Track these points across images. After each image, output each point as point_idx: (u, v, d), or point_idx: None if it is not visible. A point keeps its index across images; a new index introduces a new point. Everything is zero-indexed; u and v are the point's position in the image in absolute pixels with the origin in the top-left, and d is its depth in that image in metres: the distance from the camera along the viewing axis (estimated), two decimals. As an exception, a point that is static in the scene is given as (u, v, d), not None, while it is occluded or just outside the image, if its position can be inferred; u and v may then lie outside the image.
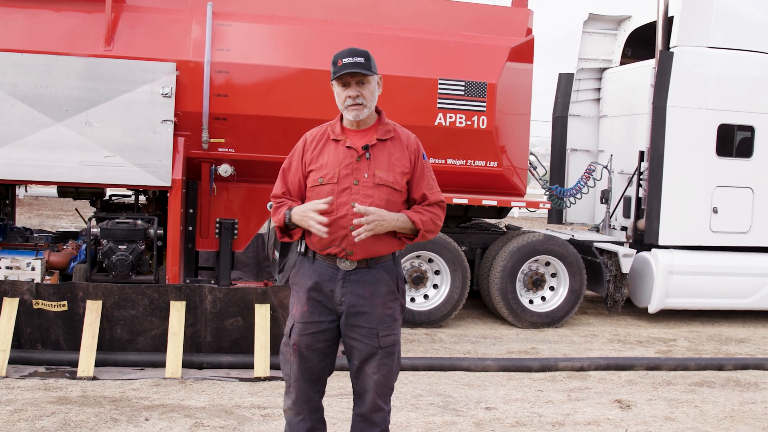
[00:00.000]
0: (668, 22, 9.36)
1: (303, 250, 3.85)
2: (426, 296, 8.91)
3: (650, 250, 9.49)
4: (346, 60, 3.68)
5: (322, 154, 3.78)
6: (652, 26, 9.96)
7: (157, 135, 7.63)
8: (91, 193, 8.59)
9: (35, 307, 6.45)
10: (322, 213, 3.63)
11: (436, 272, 8.91)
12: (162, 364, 6.42)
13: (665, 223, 9.35)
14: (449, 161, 8.71)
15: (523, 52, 8.97)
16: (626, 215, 10.13)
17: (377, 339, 3.74)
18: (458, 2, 9.15)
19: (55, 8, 7.88)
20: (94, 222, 7.98)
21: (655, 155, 9.31)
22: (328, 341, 3.81)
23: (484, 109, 8.64)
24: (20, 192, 19.60)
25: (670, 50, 9.31)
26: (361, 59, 3.69)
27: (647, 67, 9.74)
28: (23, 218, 16.46)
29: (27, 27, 7.75)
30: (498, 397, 6.26)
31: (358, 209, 3.60)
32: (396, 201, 3.77)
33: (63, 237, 9.02)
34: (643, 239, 9.60)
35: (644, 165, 9.59)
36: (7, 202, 9.16)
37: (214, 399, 5.81)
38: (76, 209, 9.93)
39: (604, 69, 11.09)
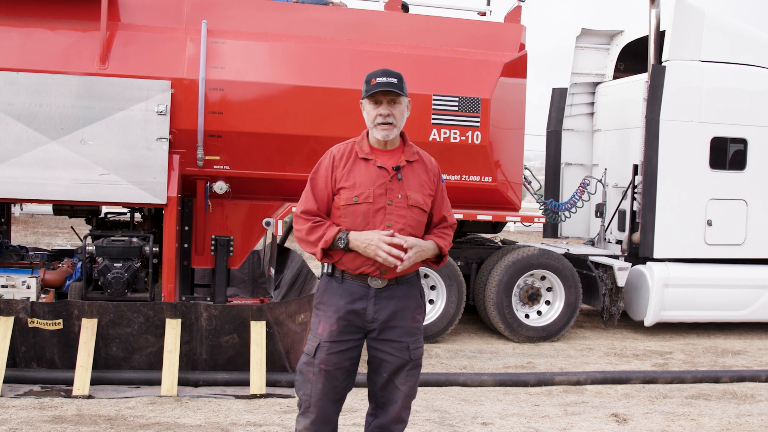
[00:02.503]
0: (660, 36, 9.42)
1: (330, 270, 3.87)
2: (422, 311, 8.89)
3: (645, 263, 9.50)
4: (380, 79, 3.75)
5: (352, 171, 3.80)
6: (644, 40, 10.02)
7: (152, 152, 7.64)
8: (87, 210, 8.58)
9: (30, 325, 6.45)
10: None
11: (432, 288, 8.91)
12: (158, 382, 6.42)
13: (660, 236, 9.37)
14: (444, 176, 8.69)
15: (517, 68, 9.01)
16: (621, 229, 10.16)
17: (408, 352, 3.85)
18: (451, 18, 9.20)
19: (50, 27, 7.89)
20: (89, 240, 7.97)
21: (648, 168, 9.35)
22: (354, 359, 3.87)
23: (478, 124, 8.66)
24: (16, 210, 19.63)
25: (663, 64, 9.37)
26: (394, 80, 3.76)
27: (640, 81, 9.80)
28: (19, 236, 16.44)
29: (22, 46, 7.76)
30: (494, 413, 6.26)
31: (400, 240, 3.69)
32: (423, 222, 3.90)
33: (58, 255, 9.00)
34: (638, 252, 9.62)
35: (638, 178, 9.63)
36: (2, 220, 9.15)
37: (210, 417, 5.80)
38: (71, 227, 9.93)
39: (597, 83, 11.16)
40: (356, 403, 6.15)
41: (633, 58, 10.83)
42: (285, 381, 6.64)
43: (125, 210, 8.88)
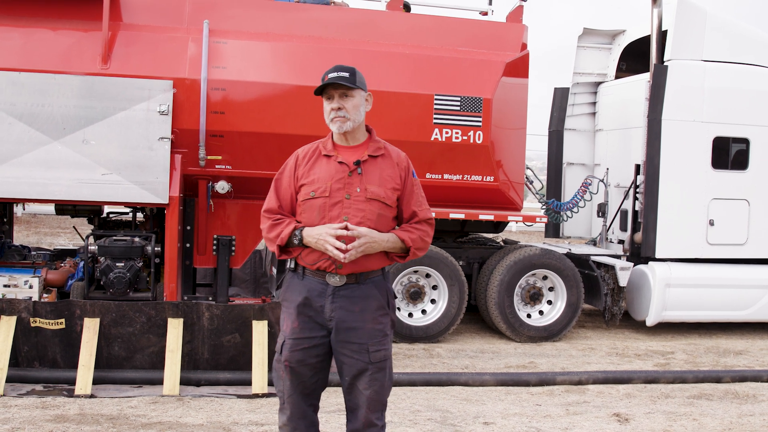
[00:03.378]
0: (662, 36, 9.42)
1: (293, 266, 3.88)
2: (424, 311, 8.90)
3: (647, 263, 9.50)
4: (331, 75, 3.78)
5: (313, 168, 3.83)
6: (646, 40, 10.02)
7: (154, 152, 7.65)
8: (89, 210, 8.60)
9: (33, 325, 6.45)
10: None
11: (434, 287, 8.91)
12: (160, 382, 6.42)
13: (662, 235, 9.36)
14: (446, 176, 8.72)
15: (518, 67, 9.01)
16: (623, 228, 10.16)
17: (368, 354, 3.76)
18: (453, 18, 9.21)
19: (52, 27, 7.91)
20: (91, 239, 7.98)
21: (650, 168, 9.34)
22: (320, 356, 3.83)
23: (480, 124, 8.66)
24: (18, 210, 19.65)
25: (665, 64, 9.37)
26: (345, 74, 3.78)
27: (642, 81, 9.79)
28: (21, 236, 16.45)
29: (24, 46, 7.78)
30: (496, 412, 6.26)
31: (350, 229, 3.66)
32: (387, 216, 3.82)
33: (61, 255, 9.02)
34: (640, 252, 9.61)
35: (640, 178, 9.62)
36: (5, 220, 9.17)
37: (212, 416, 5.80)
38: (73, 227, 9.94)
39: (599, 83, 11.15)
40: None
41: (635, 57, 10.83)
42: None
43: (127, 210, 8.89)
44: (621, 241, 10.23)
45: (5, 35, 7.77)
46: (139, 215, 8.86)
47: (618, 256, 9.91)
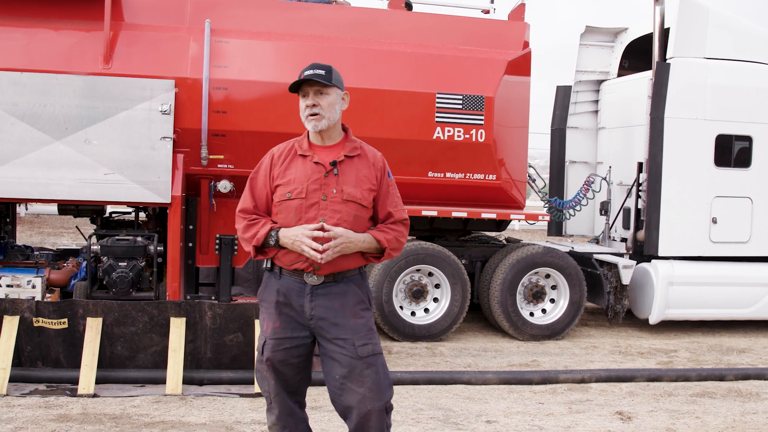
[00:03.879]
0: (664, 33, 9.40)
1: (269, 266, 3.87)
2: (426, 310, 8.90)
3: (650, 261, 9.48)
4: (306, 72, 3.76)
5: (289, 168, 3.82)
6: (648, 38, 10.00)
7: (156, 152, 7.65)
8: (92, 210, 8.60)
9: (35, 324, 6.46)
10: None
11: (436, 286, 8.91)
12: (162, 381, 6.42)
13: (664, 234, 9.35)
14: (448, 175, 8.71)
15: (520, 66, 9.00)
16: (626, 227, 10.15)
17: (355, 349, 3.74)
18: (455, 17, 9.20)
19: (54, 27, 7.91)
20: (94, 239, 7.99)
21: (653, 166, 9.33)
22: (302, 356, 3.84)
23: (482, 122, 8.66)
24: (21, 210, 19.68)
25: (667, 61, 9.35)
26: (321, 71, 3.76)
27: (644, 79, 9.77)
28: (24, 236, 16.47)
29: (26, 46, 7.78)
30: (499, 411, 6.25)
31: (327, 230, 3.65)
32: (363, 217, 3.82)
33: (63, 254, 9.04)
34: (643, 250, 9.60)
35: (643, 176, 9.61)
36: (8, 220, 9.17)
37: (215, 415, 5.81)
38: (76, 227, 9.95)
39: (602, 81, 11.13)
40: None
41: (638, 55, 10.80)
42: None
43: (130, 209, 8.89)
44: (624, 240, 10.22)
45: (7, 35, 7.77)
46: (142, 215, 8.86)
47: (621, 255, 9.90)
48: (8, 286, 7.66)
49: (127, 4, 8.29)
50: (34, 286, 7.71)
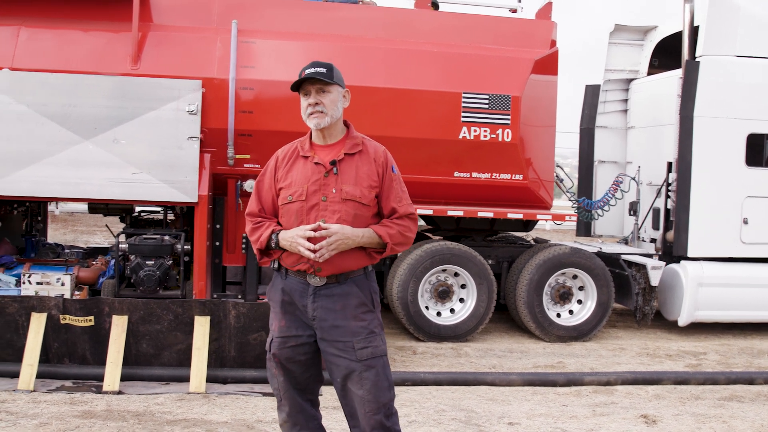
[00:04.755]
0: (694, 31, 9.28)
1: (276, 266, 3.89)
2: (452, 310, 8.87)
3: (679, 262, 9.36)
4: (308, 71, 3.78)
5: (291, 171, 3.84)
6: (678, 36, 9.87)
7: (183, 152, 7.71)
8: (121, 209, 8.69)
9: (62, 322, 6.55)
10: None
11: (462, 286, 8.88)
12: (187, 379, 6.47)
13: (694, 234, 9.22)
14: (474, 174, 8.68)
15: (548, 65, 8.94)
16: (655, 227, 10.03)
17: (354, 352, 3.73)
18: (481, 16, 9.16)
19: (83, 28, 8.02)
20: (122, 238, 8.08)
21: (682, 166, 9.21)
22: (309, 354, 3.85)
23: (509, 122, 8.61)
24: (55, 208, 19.98)
25: (696, 60, 9.22)
26: (322, 69, 3.78)
27: (674, 77, 9.65)
28: (58, 234, 16.71)
29: (56, 47, 7.89)
30: (521, 412, 6.22)
31: (323, 228, 3.65)
32: (364, 215, 3.79)
33: (93, 253, 9.16)
34: (672, 251, 9.48)
35: (672, 176, 9.49)
36: (39, 218, 9.32)
37: (237, 414, 5.84)
38: (106, 225, 10.07)
39: (631, 80, 11.02)
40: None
41: (668, 53, 10.68)
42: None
43: (159, 208, 8.98)
44: (653, 240, 10.11)
45: (37, 37, 7.89)
46: (170, 214, 8.94)
47: (650, 255, 9.79)
48: (38, 283, 7.77)
49: (156, 5, 8.38)
50: (63, 284, 7.81)
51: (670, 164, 9.60)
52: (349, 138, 3.90)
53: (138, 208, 9.14)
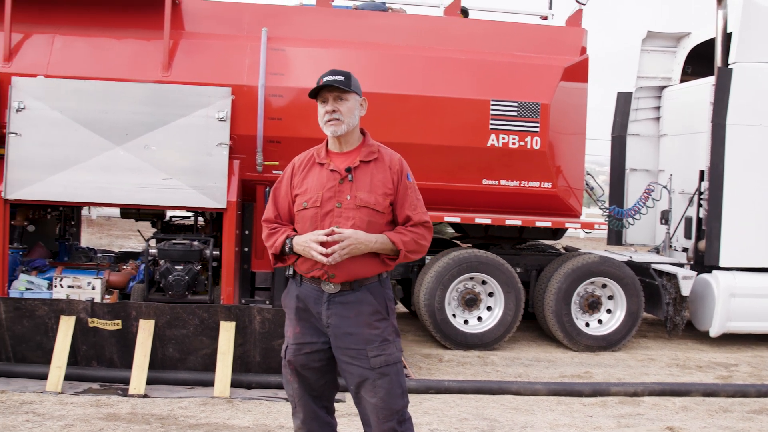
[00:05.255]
0: (727, 38, 9.15)
1: (291, 273, 3.91)
2: (479, 318, 8.84)
3: (711, 272, 9.23)
4: (326, 78, 3.80)
5: (307, 178, 3.86)
6: (712, 42, 9.74)
7: (213, 158, 7.79)
8: (152, 214, 8.82)
9: (91, 325, 6.65)
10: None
11: (490, 294, 8.84)
12: (212, 383, 6.52)
13: (726, 244, 9.09)
14: (502, 182, 8.64)
15: (577, 72, 8.88)
16: (687, 236, 9.90)
17: (367, 360, 3.74)
18: (511, 23, 9.15)
19: (116, 36, 8.15)
20: (152, 242, 8.18)
21: (714, 174, 9.09)
22: (323, 361, 3.86)
23: (538, 129, 8.57)
24: (92, 213, 20.28)
25: (729, 67, 9.10)
26: (340, 77, 3.80)
27: (707, 85, 9.53)
28: (94, 238, 16.95)
29: (89, 54, 8.03)
30: (545, 423, 6.17)
31: (336, 233, 3.67)
32: (378, 222, 3.80)
33: (124, 257, 9.28)
34: (704, 261, 9.35)
35: (704, 184, 9.37)
36: (73, 223, 9.47)
37: (259, 419, 5.88)
38: (138, 230, 10.19)
39: (664, 87, 10.90)
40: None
41: (701, 60, 10.55)
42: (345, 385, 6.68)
43: (189, 214, 9.08)
44: (685, 249, 9.98)
45: (71, 44, 8.03)
46: (201, 219, 9.03)
47: (681, 265, 9.66)
48: (69, 287, 7.89)
49: (188, 12, 8.49)
50: (93, 288, 7.92)
51: (702, 172, 9.48)
52: (365, 146, 3.91)
53: (169, 214, 9.25)
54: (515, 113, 8.55)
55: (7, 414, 5.69)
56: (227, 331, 6.69)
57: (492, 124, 8.53)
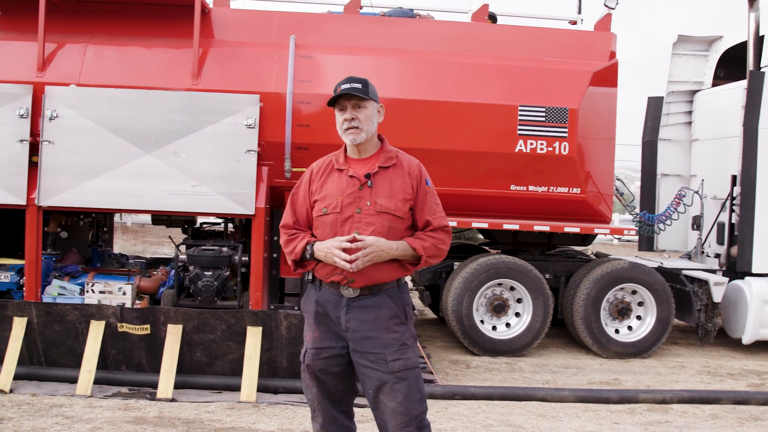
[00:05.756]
0: (759, 41, 9.05)
1: (311, 278, 3.94)
2: (508, 324, 8.81)
3: (744, 278, 9.11)
4: (344, 86, 3.84)
5: (326, 184, 3.88)
6: (744, 46, 9.63)
7: (241, 165, 7.86)
8: (183, 220, 8.90)
9: (120, 330, 6.75)
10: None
11: (518, 300, 8.81)
12: (238, 388, 6.59)
13: (759, 249, 8.98)
14: (531, 188, 8.61)
15: (606, 77, 8.82)
16: (720, 242, 9.78)
17: (386, 364, 3.76)
18: (539, 28, 9.11)
19: (146, 45, 8.27)
20: (182, 248, 8.27)
21: (746, 179, 8.98)
22: (342, 365, 3.87)
23: (566, 134, 8.52)
24: (127, 220, 20.57)
25: (762, 70, 8.99)
26: (358, 85, 3.83)
27: (739, 88, 9.42)
28: (129, 245, 17.18)
29: (120, 63, 8.15)
30: (571, 429, 6.13)
31: (358, 239, 3.70)
32: (398, 228, 3.82)
33: (155, 263, 9.39)
34: (736, 267, 9.23)
35: (736, 189, 9.25)
36: (105, 229, 9.60)
37: (284, 423, 5.91)
38: (169, 236, 10.32)
39: (695, 91, 10.79)
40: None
41: (734, 64, 10.41)
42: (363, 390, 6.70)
43: (219, 220, 9.16)
44: (718, 255, 9.85)
45: (102, 53, 8.16)
46: (230, 225, 9.11)
47: (713, 271, 9.53)
48: (101, 292, 8.00)
49: (217, 21, 8.59)
50: (124, 293, 8.03)
51: (734, 177, 9.36)
52: (384, 152, 3.93)
53: (200, 220, 9.35)
54: (543, 119, 8.52)
55: (38, 416, 5.79)
56: (254, 336, 6.74)
57: (520, 129, 8.51)
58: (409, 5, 9.36)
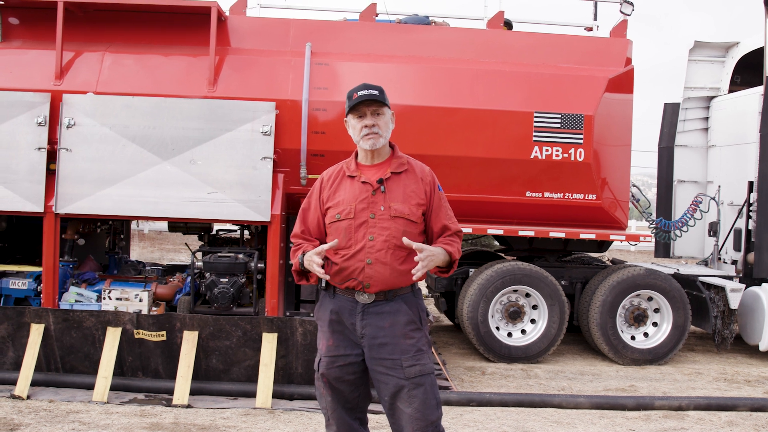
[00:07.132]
0: (776, 47, 9.01)
1: (324, 286, 3.94)
2: (523, 331, 8.80)
3: (761, 285, 9.05)
4: (361, 92, 3.86)
5: (338, 190, 3.91)
6: (761, 52, 9.59)
7: (257, 172, 7.90)
8: (199, 228, 8.95)
9: (136, 336, 6.80)
10: (336, 251, 3.79)
11: (534, 307, 8.79)
12: (254, 394, 6.61)
13: (776, 256, 8.91)
14: (546, 194, 8.60)
15: (622, 83, 8.81)
16: (737, 248, 9.73)
17: (402, 370, 3.76)
18: (554, 35, 9.11)
19: (163, 53, 8.34)
20: (198, 255, 8.31)
21: (763, 185, 8.92)
22: (357, 373, 3.89)
23: (581, 141, 8.52)
24: (144, 227, 20.69)
25: (778, 76, 8.95)
26: (375, 92, 3.86)
27: (756, 94, 9.38)
28: (146, 252, 17.27)
29: (137, 71, 8.22)
30: (586, 436, 6.12)
31: (408, 244, 3.70)
32: (412, 232, 3.85)
33: (172, 270, 9.44)
34: (753, 273, 9.18)
35: (753, 196, 9.20)
36: (122, 236, 9.67)
37: (299, 430, 5.93)
38: (185, 243, 10.38)
39: (712, 97, 10.74)
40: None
41: (751, 70, 10.38)
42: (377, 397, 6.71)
43: (236, 227, 9.20)
44: (735, 262, 9.80)
45: (120, 61, 8.24)
46: (246, 232, 9.15)
47: (729, 277, 9.48)
48: (117, 299, 8.05)
49: (233, 29, 8.65)
50: (141, 300, 8.07)
51: (751, 183, 9.32)
52: (395, 158, 3.97)
53: (216, 227, 9.40)
54: (559, 125, 8.52)
55: (54, 422, 5.84)
56: (269, 343, 6.77)
57: (535, 136, 8.51)
58: (424, 12, 9.39)
